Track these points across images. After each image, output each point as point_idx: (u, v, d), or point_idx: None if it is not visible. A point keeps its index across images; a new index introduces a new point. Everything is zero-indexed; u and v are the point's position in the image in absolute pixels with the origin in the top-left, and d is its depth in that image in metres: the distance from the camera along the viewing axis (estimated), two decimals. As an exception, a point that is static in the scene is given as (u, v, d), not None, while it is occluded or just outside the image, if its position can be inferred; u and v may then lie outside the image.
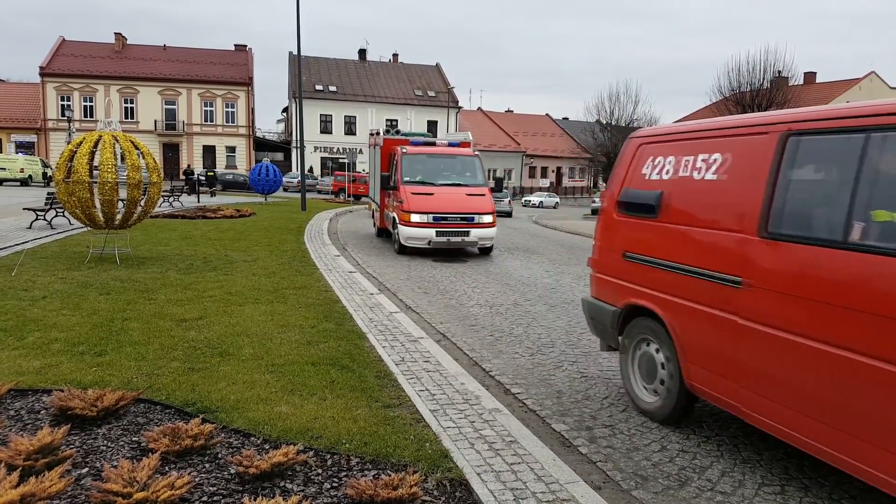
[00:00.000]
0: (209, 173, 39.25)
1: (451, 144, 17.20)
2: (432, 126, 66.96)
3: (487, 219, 15.12)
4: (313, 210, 28.05)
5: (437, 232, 14.60)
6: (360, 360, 6.18)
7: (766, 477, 4.24)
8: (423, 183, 15.31)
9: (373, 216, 19.78)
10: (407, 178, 15.39)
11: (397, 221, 15.10)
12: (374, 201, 18.89)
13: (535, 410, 5.36)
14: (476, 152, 16.74)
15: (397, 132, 18.12)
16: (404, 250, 15.19)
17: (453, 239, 14.73)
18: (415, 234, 14.70)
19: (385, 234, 18.17)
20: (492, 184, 16.58)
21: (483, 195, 15.44)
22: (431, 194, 14.95)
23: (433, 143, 17.19)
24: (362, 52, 71.21)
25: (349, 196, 39.51)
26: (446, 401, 5.20)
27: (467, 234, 14.85)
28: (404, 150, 16.01)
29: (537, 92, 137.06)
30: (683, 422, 5.10)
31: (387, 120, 65.53)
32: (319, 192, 48.70)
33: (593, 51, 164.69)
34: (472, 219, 14.91)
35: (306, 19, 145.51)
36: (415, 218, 14.62)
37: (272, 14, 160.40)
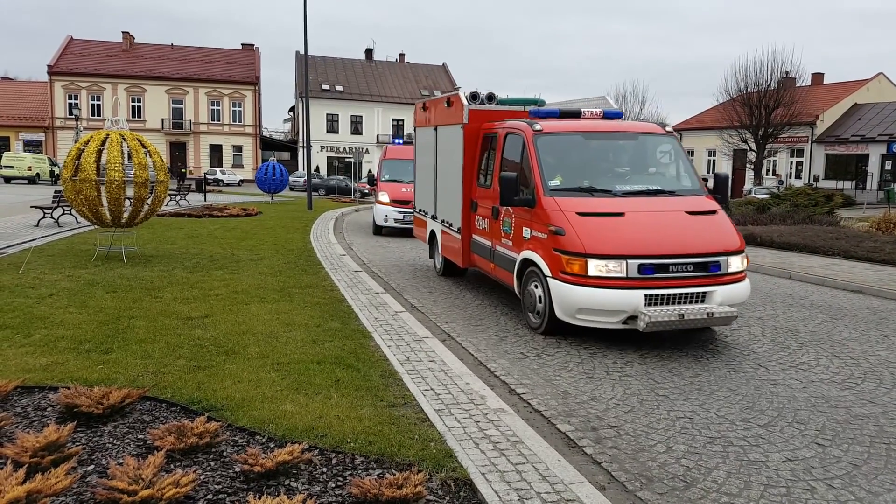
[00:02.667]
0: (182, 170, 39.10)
1: (609, 115, 9.36)
2: (438, 126, 66.83)
3: (736, 263, 7.54)
4: (319, 209, 28.08)
5: (647, 297, 7.02)
6: (366, 360, 6.19)
7: (771, 479, 4.22)
8: (586, 191, 7.95)
9: (431, 242, 12.31)
10: (555, 185, 7.95)
11: (543, 271, 7.56)
12: (431, 217, 11.91)
13: (540, 411, 5.35)
14: (669, 128, 9.63)
15: (490, 98, 10.09)
16: (558, 328, 7.61)
17: (687, 313, 6.95)
18: (599, 301, 7.03)
19: (458, 270, 11.42)
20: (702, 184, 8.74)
21: (714, 212, 7.96)
22: (620, 215, 7.52)
23: (578, 114, 9.21)
24: (369, 52, 71.28)
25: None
26: (451, 400, 5.20)
27: (704, 297, 7.30)
28: (538, 130, 8.35)
29: (544, 91, 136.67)
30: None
31: (393, 119, 65.62)
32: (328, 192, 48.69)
33: (600, 49, 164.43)
34: (713, 265, 7.33)
35: (312, 17, 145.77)
36: (597, 268, 7.04)
37: (276, 11, 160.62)
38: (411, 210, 16.25)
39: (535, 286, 7.80)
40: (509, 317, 8.75)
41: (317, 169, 58.56)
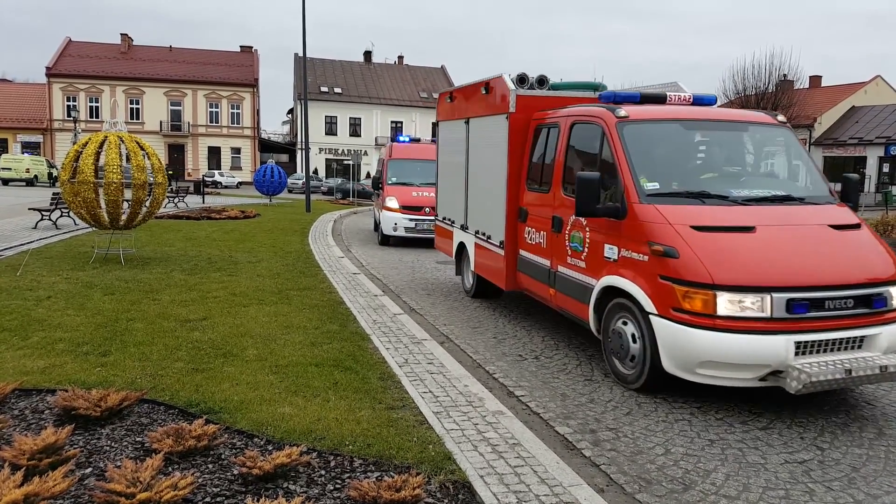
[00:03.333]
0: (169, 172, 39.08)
1: (701, 101, 7.37)
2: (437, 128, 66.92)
3: None
4: (318, 211, 28.07)
5: (798, 344, 5.17)
6: (364, 362, 6.18)
7: (770, 481, 4.22)
8: (696, 197, 6.06)
9: (459, 256, 10.44)
10: (653, 188, 6.04)
11: (641, 305, 5.69)
12: (460, 228, 10.04)
13: (538, 413, 5.35)
14: (781, 118, 7.23)
15: (541, 82, 8.33)
16: (664, 383, 5.76)
17: (855, 367, 5.07)
18: (732, 350, 5.17)
19: (492, 291, 9.75)
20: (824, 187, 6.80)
21: (858, 226, 6.15)
22: (750, 230, 5.69)
23: (663, 99, 7.25)
24: (367, 54, 71.31)
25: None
26: (450, 403, 5.19)
27: (862, 342, 5.44)
28: (623, 116, 6.42)
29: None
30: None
31: (392, 121, 65.64)
32: (324, 193, 48.72)
33: (598, 50, 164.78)
34: (877, 299, 5.52)
35: (310, 19, 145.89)
36: (729, 304, 5.22)
37: (273, 13, 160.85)
38: (424, 217, 16.12)
39: (625, 323, 5.87)
40: (507, 319, 8.74)
41: (315, 171, 58.58)
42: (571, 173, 6.85)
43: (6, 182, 41.38)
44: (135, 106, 60.61)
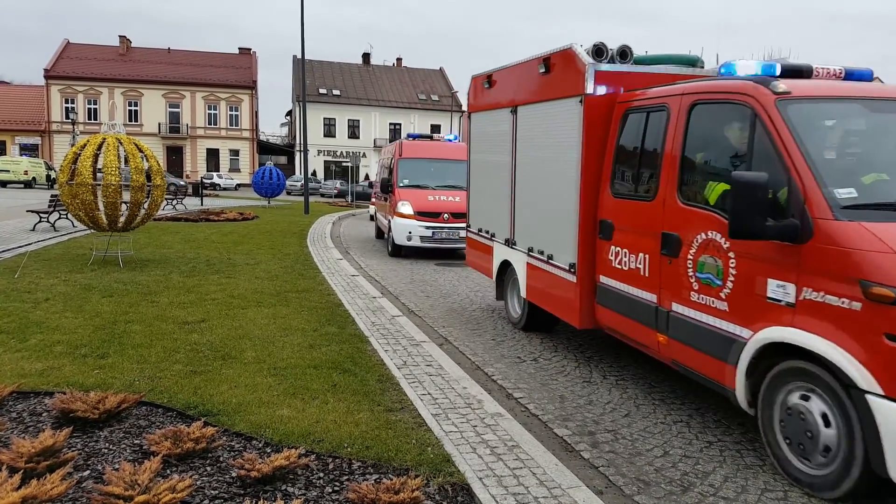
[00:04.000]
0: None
1: (855, 76, 5.32)
2: (436, 130, 67.03)
3: None
4: (316, 213, 28.07)
5: None
6: (362, 364, 6.18)
7: (768, 483, 4.22)
8: None
9: (502, 278, 8.69)
10: (848, 196, 4.15)
11: (849, 377, 3.76)
12: (505, 243, 8.29)
13: (537, 415, 5.35)
14: None
15: (623, 54, 6.43)
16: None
17: None
18: None
19: (547, 322, 7.99)
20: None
21: None
22: None
23: (809, 73, 5.18)
24: (366, 56, 71.38)
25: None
26: (448, 405, 5.19)
27: None
28: (783, 93, 4.53)
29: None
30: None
31: (390, 123, 65.69)
32: (322, 195, 48.76)
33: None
34: None
35: (308, 21, 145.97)
36: None
37: (269, 15, 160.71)
38: (443, 225, 14.64)
39: (807, 398, 4.13)
40: (506, 321, 8.74)
41: (314, 173, 58.61)
42: (693, 173, 5.26)
43: (4, 184, 41.35)
44: (133, 108, 60.61)
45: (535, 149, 7.38)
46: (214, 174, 56.97)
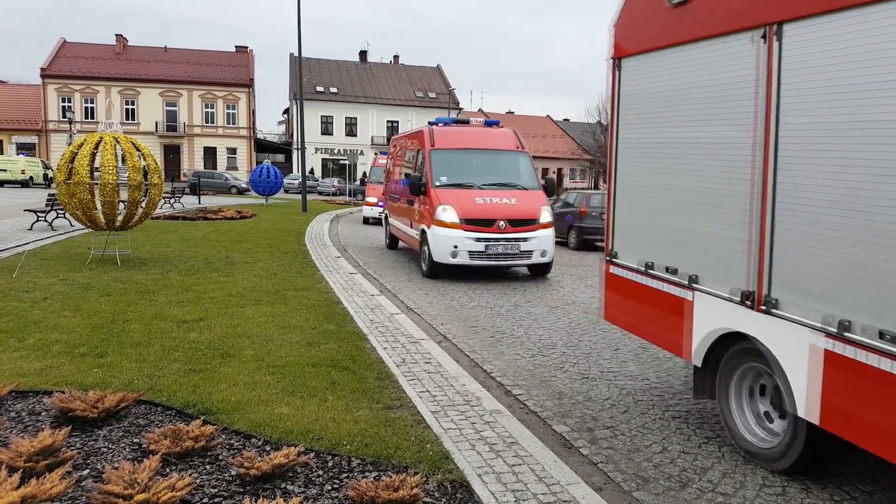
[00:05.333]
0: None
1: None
2: (433, 127, 66.83)
3: None
4: (314, 211, 28.06)
5: None
6: (361, 362, 6.18)
7: (766, 478, 4.24)
8: None
9: (715, 373, 4.76)
10: None
11: None
12: (705, 292, 4.70)
13: (536, 412, 5.35)
14: None
15: None
16: None
17: None
18: None
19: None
20: None
21: None
22: None
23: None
24: (363, 54, 71.28)
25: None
26: (447, 402, 5.20)
27: None
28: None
29: (538, 93, 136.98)
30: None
31: (388, 121, 65.64)
32: (320, 193, 48.74)
33: (594, 49, 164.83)
34: None
35: (304, 19, 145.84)
36: None
37: (264, 12, 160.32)
38: (499, 236, 11.37)
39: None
40: (505, 318, 8.75)
41: (311, 171, 58.56)
42: None
43: (1, 183, 41.26)
44: (130, 106, 60.46)
45: (844, 108, 3.61)
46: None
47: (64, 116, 54.20)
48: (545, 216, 11.98)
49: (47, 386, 5.16)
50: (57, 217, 17.44)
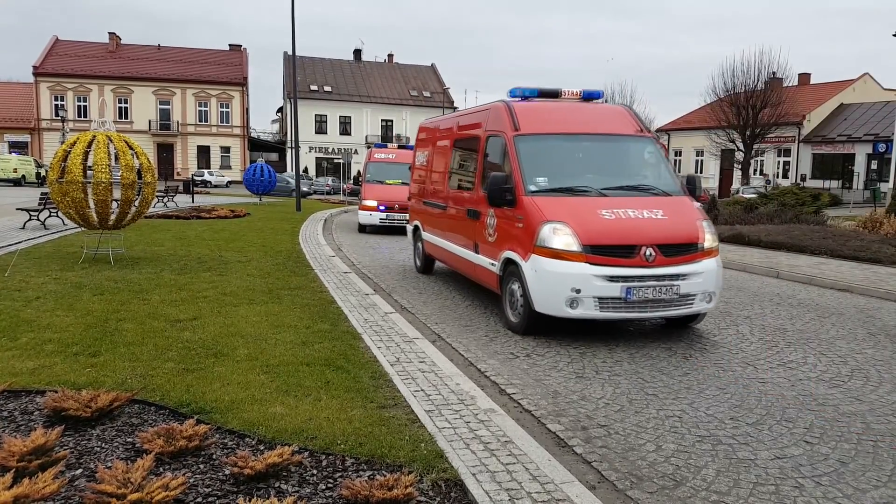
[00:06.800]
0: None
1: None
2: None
3: None
4: (308, 210, 28.01)
5: None
6: (355, 361, 6.17)
7: (760, 476, 4.25)
8: None
9: None
10: None
11: None
12: None
13: (530, 411, 5.36)
14: None
15: None
16: None
17: None
18: None
19: None
20: None
21: None
22: None
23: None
24: (357, 53, 71.23)
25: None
26: (441, 401, 5.20)
27: None
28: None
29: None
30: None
31: (382, 120, 65.63)
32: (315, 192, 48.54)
33: (587, 48, 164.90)
34: None
35: (298, 17, 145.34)
36: None
37: (257, 10, 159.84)
38: (645, 271, 7.19)
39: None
40: (499, 317, 8.75)
41: (305, 170, 58.49)
42: None
43: (-7, 182, 41.08)
44: (123, 105, 60.32)
45: None
46: (205, 171, 56.79)
47: (57, 115, 54.01)
48: (709, 238, 7.71)
49: (40, 385, 5.14)
50: (50, 216, 17.38)
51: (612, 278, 7.14)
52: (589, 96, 9.34)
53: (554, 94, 9.17)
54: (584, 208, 7.65)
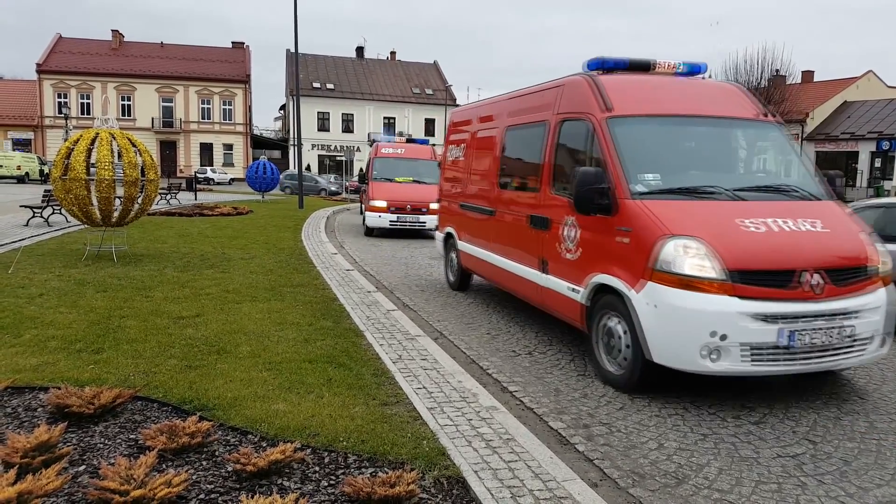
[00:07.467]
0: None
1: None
2: (430, 124, 66.93)
3: None
4: (311, 208, 28.02)
5: None
6: (358, 358, 6.18)
7: (763, 475, 4.25)
8: None
9: None
10: None
11: None
12: None
13: (532, 408, 5.36)
14: None
15: None
16: None
17: None
18: None
19: None
20: None
21: None
22: None
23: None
24: (360, 50, 71.18)
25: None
26: (444, 398, 5.20)
27: None
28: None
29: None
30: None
31: (384, 118, 65.59)
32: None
33: (588, 46, 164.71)
34: None
35: (300, 14, 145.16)
36: None
37: (259, 7, 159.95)
38: (810, 307, 5.25)
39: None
40: (501, 315, 8.75)
41: (307, 167, 58.47)
42: None
43: (-3, 179, 41.14)
44: (126, 102, 60.32)
45: None
46: (208, 169, 56.79)
47: (60, 112, 54.01)
48: (882, 259, 5.79)
49: (43, 382, 5.15)
50: (53, 213, 17.40)
51: (769, 318, 5.12)
52: (692, 70, 7.35)
53: (645, 67, 7.18)
54: (719, 217, 5.62)
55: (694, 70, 7.35)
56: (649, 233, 5.47)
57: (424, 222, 18.21)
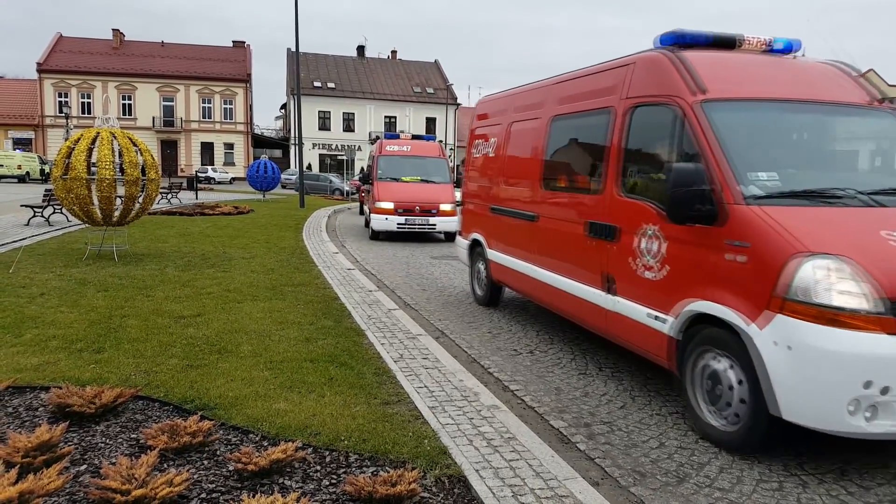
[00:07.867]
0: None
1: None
2: (431, 123, 66.92)
3: None
4: (312, 207, 28.02)
5: None
6: (359, 357, 6.18)
7: (764, 473, 4.24)
8: None
9: None
10: None
11: None
12: None
13: (533, 407, 5.36)
14: None
15: None
16: None
17: None
18: None
19: None
20: None
21: None
22: None
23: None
24: (361, 49, 71.19)
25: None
26: (445, 397, 5.20)
27: None
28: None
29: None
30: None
31: (385, 116, 65.60)
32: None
33: (589, 45, 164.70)
34: None
35: (301, 13, 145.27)
36: None
37: (259, 6, 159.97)
38: None
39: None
40: (502, 314, 8.75)
41: (308, 167, 58.49)
42: None
43: (-2, 179, 41.18)
44: (127, 101, 60.36)
45: None
46: (209, 168, 56.80)
47: (60, 111, 54.04)
48: None
49: (44, 381, 5.15)
50: (54, 212, 17.41)
51: None
52: (786, 48, 5.98)
53: (731, 43, 5.80)
54: (861, 229, 4.39)
55: (787, 48, 6.01)
56: (776, 249, 4.21)
57: (434, 224, 17.21)
